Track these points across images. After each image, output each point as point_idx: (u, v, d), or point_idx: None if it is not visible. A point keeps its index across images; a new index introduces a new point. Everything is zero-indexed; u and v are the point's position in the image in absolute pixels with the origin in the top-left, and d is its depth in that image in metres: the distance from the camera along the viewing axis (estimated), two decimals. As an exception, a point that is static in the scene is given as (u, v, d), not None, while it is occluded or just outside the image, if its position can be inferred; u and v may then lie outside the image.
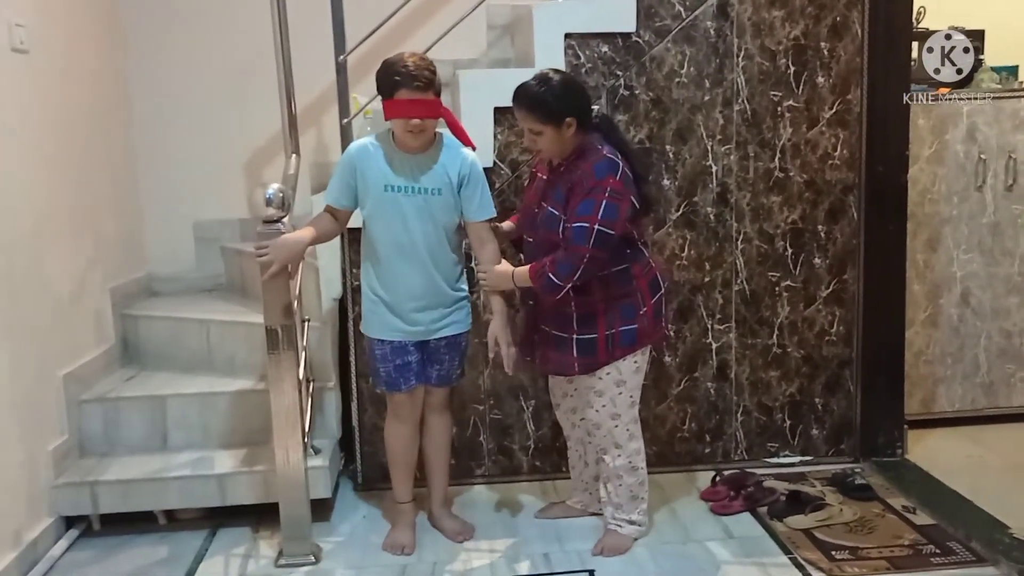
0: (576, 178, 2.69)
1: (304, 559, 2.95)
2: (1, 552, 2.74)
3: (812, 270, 3.58)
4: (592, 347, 2.81)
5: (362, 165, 2.83)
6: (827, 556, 2.84)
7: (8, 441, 2.85)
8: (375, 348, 2.95)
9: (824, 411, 3.67)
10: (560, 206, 2.72)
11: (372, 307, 2.93)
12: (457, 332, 2.96)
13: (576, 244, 2.64)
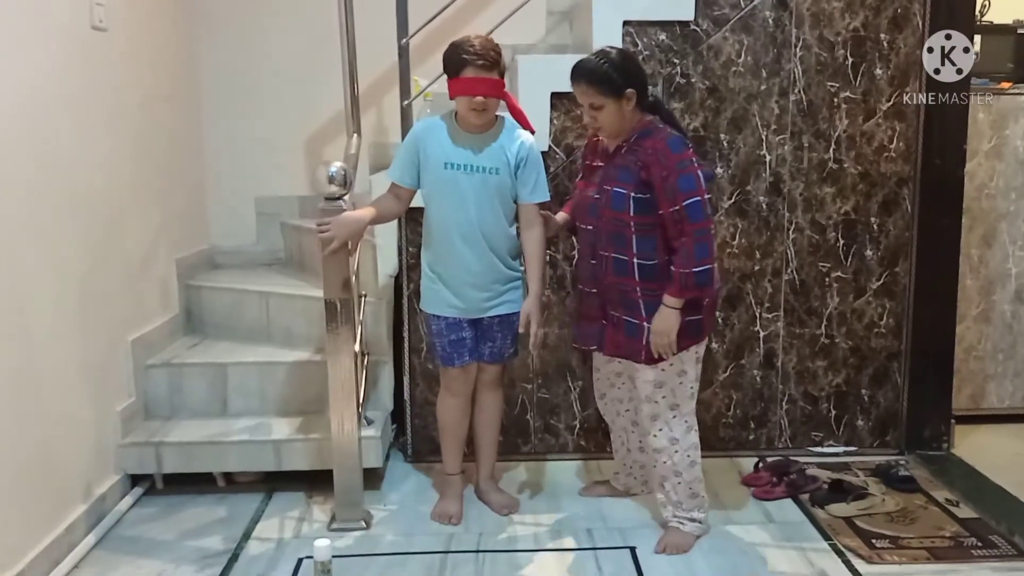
0: (647, 157, 2.69)
1: (356, 524, 3.06)
2: (73, 504, 2.90)
3: (863, 262, 3.59)
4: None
5: (425, 143, 2.92)
6: (867, 544, 2.88)
7: (80, 400, 3.00)
8: (431, 323, 3.05)
9: (870, 403, 3.68)
10: (629, 186, 2.71)
11: (429, 284, 3.03)
12: (510, 311, 3.04)
13: (697, 221, 2.63)
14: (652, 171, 2.67)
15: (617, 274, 2.78)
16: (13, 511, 2.55)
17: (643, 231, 2.72)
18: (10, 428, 2.55)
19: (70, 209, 2.93)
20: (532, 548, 2.91)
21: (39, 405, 2.71)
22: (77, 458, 2.96)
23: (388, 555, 2.87)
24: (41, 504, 2.71)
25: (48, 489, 2.75)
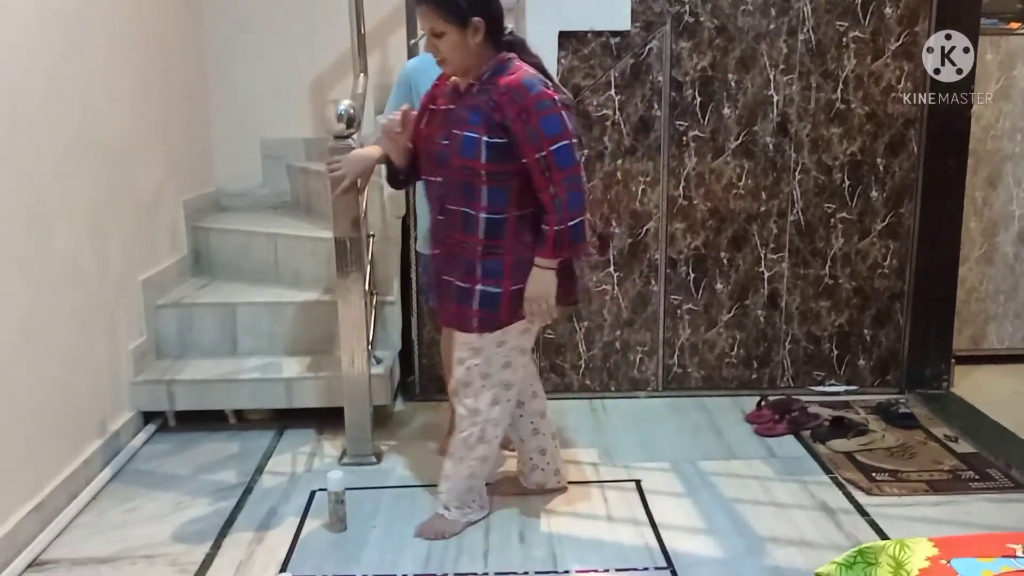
0: (500, 97, 2.33)
1: (366, 459, 3.13)
2: (89, 439, 2.96)
3: (868, 203, 3.61)
4: (495, 302, 2.44)
5: (417, 79, 2.86)
6: (867, 477, 2.94)
7: (94, 338, 3.04)
8: (427, 264, 3.05)
9: (872, 342, 3.73)
10: (481, 129, 2.35)
11: (424, 224, 3.03)
12: None
13: (566, 167, 2.33)
14: (506, 112, 2.32)
15: (464, 230, 2.43)
16: (32, 445, 2.60)
17: (495, 181, 2.38)
18: (28, 365, 2.59)
19: (80, 151, 2.94)
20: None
21: (54, 343, 2.74)
22: (92, 395, 3.01)
23: (399, 488, 2.94)
24: (58, 439, 2.76)
25: (65, 424, 2.80)
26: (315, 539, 2.61)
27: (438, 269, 2.55)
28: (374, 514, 2.75)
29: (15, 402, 2.51)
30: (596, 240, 3.59)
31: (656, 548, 2.55)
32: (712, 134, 3.54)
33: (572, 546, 2.56)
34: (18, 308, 2.55)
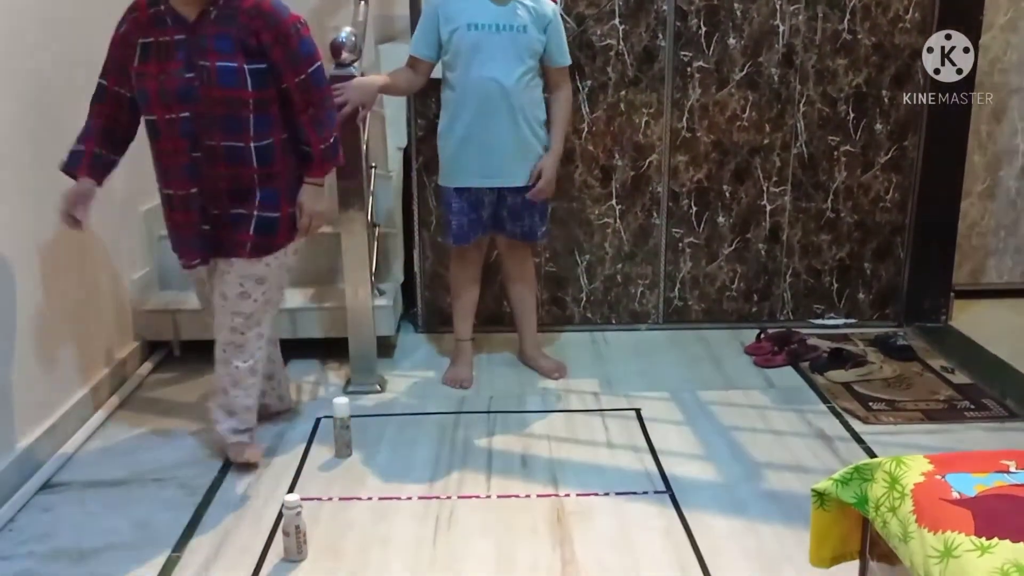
0: (254, 23, 2.30)
1: (371, 388, 3.17)
2: (96, 367, 2.99)
3: (872, 136, 3.59)
4: (273, 227, 2.46)
5: (445, 8, 2.87)
6: (864, 406, 2.98)
7: (99, 268, 3.05)
8: (450, 200, 3.05)
9: (872, 276, 3.75)
10: (239, 57, 2.30)
11: (451, 155, 3.02)
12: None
13: (322, 87, 2.44)
14: (263, 38, 2.30)
15: (231, 163, 2.38)
16: (40, 372, 2.63)
17: (261, 109, 2.36)
18: (35, 292, 2.60)
19: (85, 80, 2.91)
20: (541, 409, 3.02)
21: (60, 273, 2.75)
22: (97, 325, 3.03)
23: (403, 415, 2.98)
24: (66, 366, 2.79)
25: (72, 353, 2.83)
26: (321, 464, 2.66)
27: (201, 207, 2.42)
28: (379, 440, 2.80)
29: (23, 330, 2.53)
30: (599, 173, 3.59)
31: (655, 473, 2.60)
32: (716, 65, 3.51)
33: (573, 471, 2.61)
34: (22, 239, 2.56)
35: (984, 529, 1.26)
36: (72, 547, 2.22)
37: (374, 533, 2.30)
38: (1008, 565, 1.19)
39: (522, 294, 3.31)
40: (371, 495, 2.48)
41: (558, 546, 2.23)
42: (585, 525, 2.33)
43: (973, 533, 1.26)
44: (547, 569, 2.14)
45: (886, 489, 1.43)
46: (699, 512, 2.39)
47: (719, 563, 2.17)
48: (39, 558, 2.18)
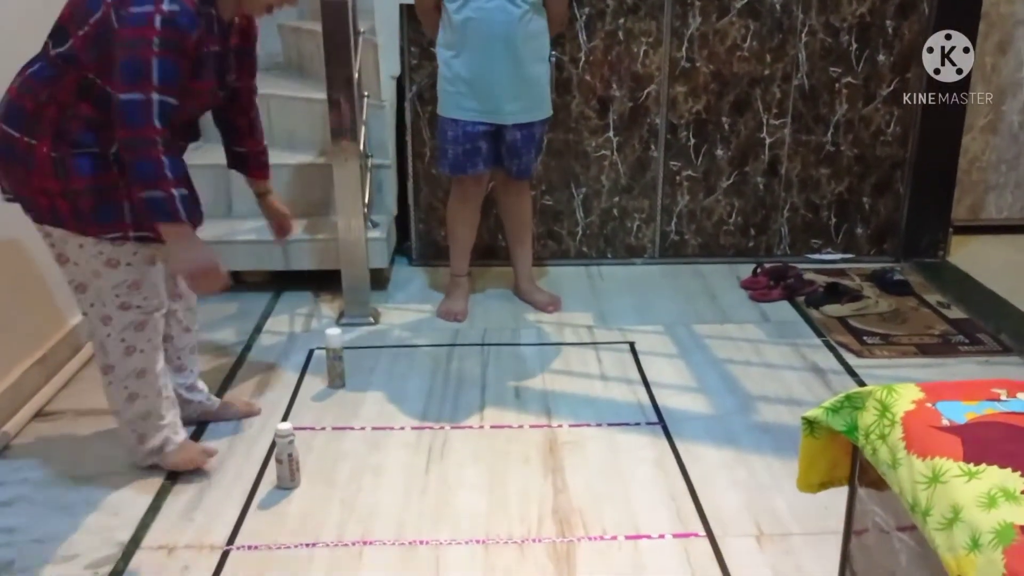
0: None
1: (364, 320, 3.16)
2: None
3: (875, 67, 3.52)
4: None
5: None
6: (859, 340, 2.98)
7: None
8: (447, 129, 3.01)
9: (871, 211, 3.71)
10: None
11: (449, 86, 2.96)
12: (534, 119, 3.01)
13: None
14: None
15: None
16: (33, 300, 2.61)
17: None
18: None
19: None
20: (535, 342, 3.02)
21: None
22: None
23: (396, 347, 2.98)
24: (59, 295, 2.76)
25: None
26: (314, 394, 2.67)
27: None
28: (372, 372, 2.80)
29: (15, 259, 2.50)
30: (596, 104, 3.53)
31: (648, 404, 2.60)
32: (718, -8, 3.43)
33: (566, 402, 2.62)
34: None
35: (972, 455, 1.26)
36: (66, 474, 2.24)
37: (366, 462, 2.31)
38: (995, 490, 1.19)
39: (518, 228, 3.28)
40: (364, 425, 2.49)
41: (550, 474, 2.25)
42: (577, 455, 2.34)
43: (961, 459, 1.25)
44: (538, 497, 2.16)
45: (876, 417, 1.42)
46: (691, 443, 2.40)
47: (709, 492, 2.18)
48: (33, 484, 2.20)
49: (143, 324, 2.10)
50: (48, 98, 1.95)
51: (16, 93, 1.99)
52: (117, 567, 1.90)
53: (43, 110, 1.95)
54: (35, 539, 1.99)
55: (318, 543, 1.99)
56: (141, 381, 2.13)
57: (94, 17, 1.92)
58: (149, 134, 1.84)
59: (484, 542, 1.99)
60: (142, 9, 1.84)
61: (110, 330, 2.08)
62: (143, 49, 1.82)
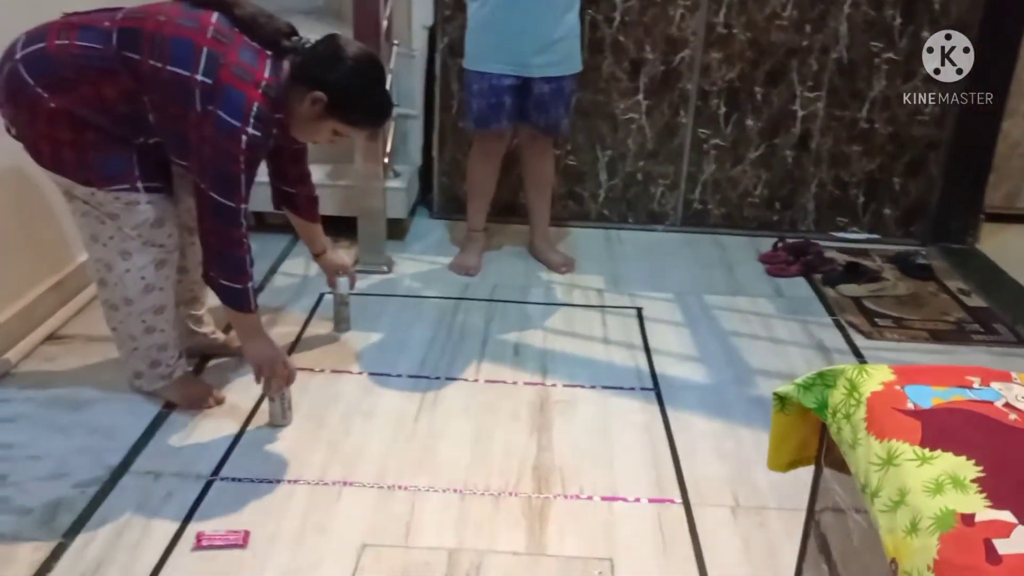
0: None
1: (378, 268, 3.19)
2: (109, 227, 3.03)
3: (917, 43, 3.41)
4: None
5: None
6: (870, 321, 2.93)
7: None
8: (473, 82, 3.00)
9: (901, 192, 3.63)
10: None
11: (477, 37, 2.95)
12: (562, 74, 2.98)
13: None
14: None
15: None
16: (50, 228, 2.67)
17: None
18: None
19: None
20: (542, 302, 3.02)
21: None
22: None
23: (405, 297, 3.01)
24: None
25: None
26: (318, 337, 2.71)
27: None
28: (378, 319, 2.83)
29: (32, 185, 2.56)
30: (628, 66, 3.48)
31: (646, 371, 2.60)
32: (759, -42, 3.35)
33: (563, 362, 2.62)
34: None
35: (929, 440, 1.24)
36: (68, 396, 2.31)
37: (359, 406, 2.35)
38: (944, 476, 1.17)
39: (539, 187, 3.27)
40: (362, 370, 2.53)
41: (536, 432, 2.26)
42: (566, 414, 2.35)
43: (918, 444, 1.24)
44: (521, 452, 2.18)
45: (844, 396, 1.40)
46: (682, 411, 2.39)
47: (692, 460, 2.18)
48: (36, 404, 2.27)
49: (163, 263, 2.16)
50: (91, 82, 1.96)
51: (56, 51, 1.96)
52: (104, 488, 1.97)
53: (79, 86, 1.96)
54: (31, 455, 2.06)
55: (299, 480, 2.03)
56: (159, 317, 2.19)
57: (177, 72, 1.94)
58: (238, 236, 2.03)
59: (460, 492, 2.02)
60: (232, 121, 1.94)
61: (129, 265, 2.12)
62: (233, 165, 1.96)
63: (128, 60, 1.95)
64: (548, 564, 1.82)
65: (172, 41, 1.96)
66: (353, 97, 2.09)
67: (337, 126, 2.13)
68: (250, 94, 1.95)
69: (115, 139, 2.03)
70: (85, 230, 2.14)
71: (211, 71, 1.94)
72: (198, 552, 1.80)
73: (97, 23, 1.99)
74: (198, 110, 1.95)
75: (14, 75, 1.96)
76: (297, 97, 2.05)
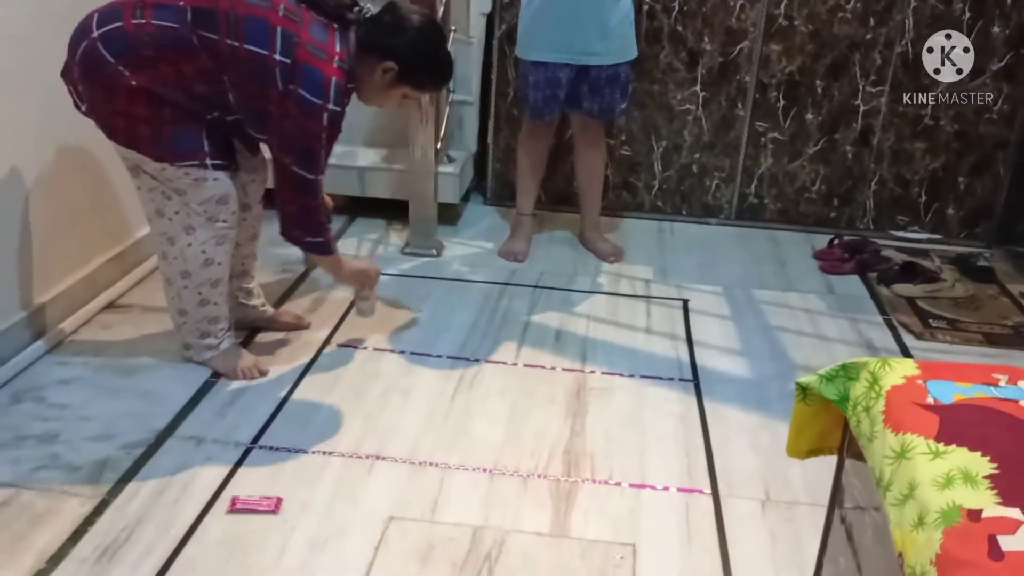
0: None
1: (427, 251, 3.23)
2: (171, 203, 3.14)
3: (987, 39, 3.31)
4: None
5: None
6: (923, 322, 2.87)
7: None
8: (528, 73, 3.02)
9: (966, 191, 3.53)
10: None
11: (531, 24, 2.97)
12: (617, 61, 2.98)
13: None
14: None
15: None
16: (112, 201, 2.78)
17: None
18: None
19: None
20: (588, 290, 3.03)
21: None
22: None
23: (451, 280, 3.04)
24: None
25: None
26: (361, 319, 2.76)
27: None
28: (423, 301, 2.87)
29: (97, 158, 2.66)
30: (686, 56, 3.45)
31: (686, 362, 2.59)
32: (824, -52, 3.28)
33: (604, 350, 2.63)
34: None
35: (945, 435, 1.21)
36: (122, 362, 2.40)
37: (398, 383, 2.39)
38: (954, 471, 1.15)
39: (590, 175, 3.28)
40: (404, 349, 2.57)
41: (571, 417, 2.28)
42: (602, 401, 2.36)
43: (933, 438, 1.21)
44: (554, 435, 2.20)
45: (865, 388, 1.38)
46: (720, 403, 2.38)
47: (725, 452, 2.17)
48: (92, 368, 2.37)
49: (224, 239, 2.24)
50: (170, 60, 2.02)
51: (134, 29, 2.01)
52: (149, 450, 2.05)
53: (158, 64, 2.03)
54: (82, 416, 2.16)
55: (334, 452, 2.08)
56: (214, 290, 2.28)
57: (255, 51, 2.01)
58: (318, 204, 2.18)
59: (490, 471, 2.05)
60: (313, 100, 2.02)
61: (192, 240, 2.20)
62: (315, 141, 2.06)
63: (205, 39, 2.02)
64: (570, 546, 1.83)
65: (247, 20, 2.02)
66: (422, 63, 2.18)
67: (407, 91, 2.22)
68: (327, 71, 2.03)
69: (189, 115, 2.10)
70: (150, 204, 2.21)
71: (288, 50, 2.01)
72: (232, 515, 1.86)
73: (169, 1, 2.04)
74: (279, 89, 2.02)
75: (93, 52, 2.03)
76: (367, 67, 2.13)
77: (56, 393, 2.25)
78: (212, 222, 2.19)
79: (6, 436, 2.07)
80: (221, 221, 2.21)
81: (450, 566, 1.75)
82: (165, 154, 2.09)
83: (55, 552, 1.73)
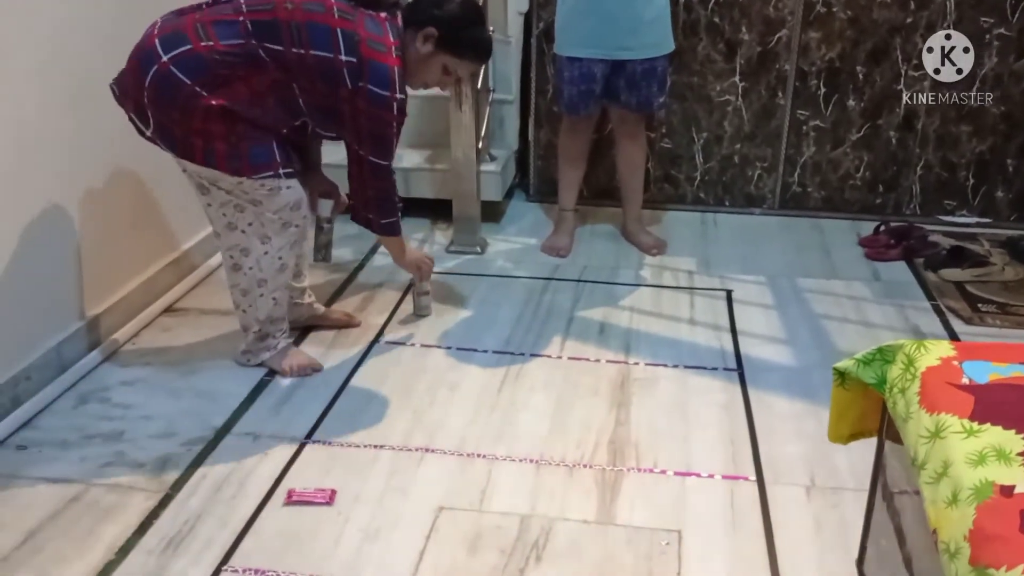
0: None
1: (471, 249, 3.29)
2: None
3: (1032, 18, 3.27)
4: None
5: None
6: (972, 307, 2.84)
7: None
8: (564, 69, 3.06)
9: (1015, 173, 3.48)
10: None
11: (567, 20, 3.01)
12: (655, 55, 3.00)
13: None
14: None
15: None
16: (171, 208, 2.89)
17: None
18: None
19: None
20: (631, 283, 3.06)
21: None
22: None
23: (496, 276, 3.10)
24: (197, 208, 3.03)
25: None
26: (410, 313, 2.82)
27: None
28: (468, 297, 2.93)
29: (156, 166, 2.76)
30: (723, 47, 3.46)
31: (731, 352, 2.61)
32: (861, -67, 3.26)
33: (647, 342, 2.66)
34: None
35: (979, 414, 1.23)
36: (181, 363, 2.50)
37: (445, 378, 2.45)
38: (988, 449, 1.16)
39: (631, 169, 3.30)
40: (451, 345, 2.63)
41: (615, 408, 2.31)
42: (646, 392, 2.39)
43: (967, 417, 1.23)
44: (599, 426, 2.23)
45: (902, 371, 1.40)
46: (764, 392, 2.39)
47: (770, 439, 2.19)
48: (153, 369, 2.47)
49: (296, 243, 2.36)
50: (242, 77, 2.10)
51: (206, 51, 2.07)
52: (208, 446, 2.14)
53: (232, 82, 2.10)
54: (144, 415, 2.25)
55: (384, 446, 2.15)
56: (283, 292, 2.39)
57: (322, 56, 2.11)
58: (392, 186, 2.36)
59: (536, 462, 2.09)
60: (383, 93, 2.15)
61: (268, 248, 2.28)
62: (388, 129, 2.21)
63: (271, 51, 2.11)
64: (616, 532, 1.87)
65: (308, 27, 2.13)
66: (461, 29, 2.28)
67: (446, 60, 2.29)
68: (391, 63, 2.15)
69: (262, 129, 2.18)
70: (221, 219, 2.28)
71: (352, 49, 2.12)
72: (288, 507, 1.94)
73: (226, 17, 2.12)
74: (349, 87, 2.13)
75: (168, 76, 2.07)
76: (411, 41, 2.24)
77: (120, 394, 2.35)
78: (286, 228, 2.28)
79: (74, 436, 2.17)
80: (295, 226, 2.30)
81: (498, 553, 1.80)
82: (243, 168, 2.16)
83: (123, 544, 1.82)
